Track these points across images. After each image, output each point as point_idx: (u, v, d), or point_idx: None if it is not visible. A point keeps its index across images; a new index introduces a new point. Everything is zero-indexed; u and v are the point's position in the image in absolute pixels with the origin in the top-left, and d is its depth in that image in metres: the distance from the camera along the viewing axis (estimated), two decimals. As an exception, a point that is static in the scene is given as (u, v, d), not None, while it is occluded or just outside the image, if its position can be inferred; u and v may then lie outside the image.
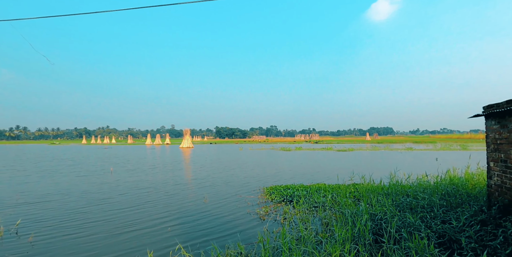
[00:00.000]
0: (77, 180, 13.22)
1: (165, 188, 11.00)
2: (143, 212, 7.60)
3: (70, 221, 6.82)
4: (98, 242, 5.39)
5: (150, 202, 8.69)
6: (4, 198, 9.50)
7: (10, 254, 4.90)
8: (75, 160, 26.25)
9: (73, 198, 9.44)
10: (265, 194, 9.50)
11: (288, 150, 40.39)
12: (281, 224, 6.25)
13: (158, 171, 16.93)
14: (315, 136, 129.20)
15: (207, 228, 6.21)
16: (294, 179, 13.06)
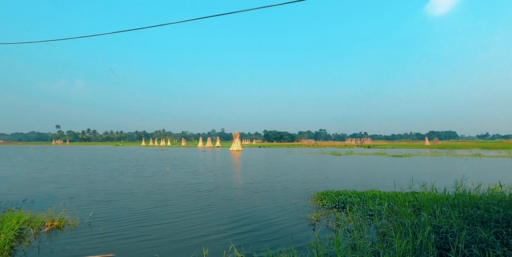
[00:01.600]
0: (140, 180, 14.35)
1: (217, 190, 11.40)
2: (198, 212, 7.97)
3: (133, 216, 7.43)
4: (157, 238, 5.79)
5: (203, 203, 9.08)
6: (79, 194, 10.69)
7: (85, 241, 5.54)
8: (137, 161, 28.57)
9: (137, 198, 10.27)
10: (316, 199, 9.33)
11: (339, 154, 39.09)
12: (333, 231, 6.09)
13: (211, 173, 17.61)
14: (367, 141, 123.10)
15: (258, 230, 6.29)
16: (345, 185, 12.60)
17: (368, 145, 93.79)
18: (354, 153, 41.39)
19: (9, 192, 10.81)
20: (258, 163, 25.29)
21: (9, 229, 5.37)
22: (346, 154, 39.39)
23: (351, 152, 44.50)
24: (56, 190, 11.22)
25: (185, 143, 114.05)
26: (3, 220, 5.75)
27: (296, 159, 29.97)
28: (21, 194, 10.49)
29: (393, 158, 31.73)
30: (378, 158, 31.10)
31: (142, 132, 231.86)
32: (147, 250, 5.11)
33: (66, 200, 9.36)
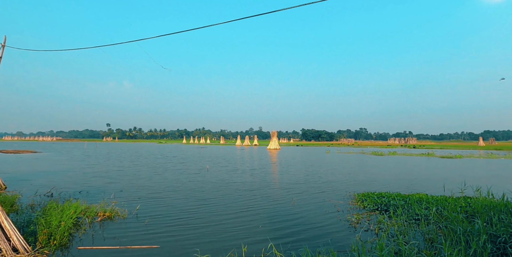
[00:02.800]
0: (183, 177, 14.99)
1: (255, 188, 11.52)
2: (237, 210, 8.11)
3: (176, 212, 7.78)
4: (198, 234, 6.00)
5: (242, 201, 9.23)
6: (127, 188, 11.45)
7: (132, 232, 5.93)
8: (179, 158, 29.88)
9: (180, 194, 10.74)
10: (356, 200, 9.02)
11: (380, 154, 37.36)
12: (375, 235, 5.85)
13: (249, 172, 17.83)
14: (412, 140, 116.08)
15: (296, 230, 6.25)
16: (388, 186, 12.01)
17: (413, 145, 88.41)
18: (398, 153, 39.27)
19: (67, 184, 11.91)
20: (296, 162, 25.08)
21: (68, 218, 5.91)
22: (388, 154, 37.52)
23: (394, 152, 42.20)
24: (107, 184, 12.11)
25: (224, 141, 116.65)
26: (63, 209, 6.35)
27: (335, 159, 29.21)
28: (77, 186, 11.50)
29: (442, 159, 29.56)
30: (425, 159, 29.18)
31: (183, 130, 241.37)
32: (188, 245, 5.32)
33: (116, 193, 10.06)
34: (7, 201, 7.40)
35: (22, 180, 12.82)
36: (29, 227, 5.60)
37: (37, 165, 20.69)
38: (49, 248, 4.81)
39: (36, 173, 15.98)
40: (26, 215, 6.61)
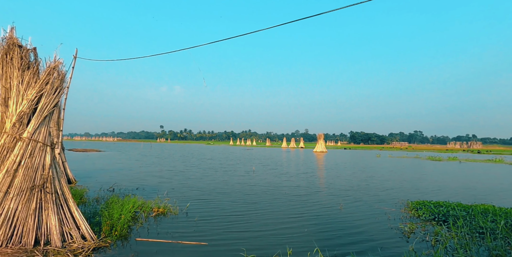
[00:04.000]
0: (232, 179, 15.42)
1: (301, 191, 11.40)
2: (283, 212, 8.11)
3: (224, 211, 8.03)
4: (244, 233, 6.13)
5: (289, 203, 9.19)
6: (179, 186, 12.11)
7: (183, 228, 6.25)
8: (228, 159, 30.74)
9: (228, 194, 11.07)
10: (410, 208, 8.44)
11: (438, 159, 34.38)
12: (431, 246, 5.42)
13: (297, 174, 17.70)
14: (477, 145, 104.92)
15: (343, 235, 6.05)
16: (446, 195, 11.03)
17: (477, 150, 79.78)
18: (459, 159, 35.76)
19: (126, 181, 12.98)
20: (344, 165, 24.23)
21: (127, 211, 6.45)
22: (448, 160, 34.36)
23: (455, 157, 38.49)
24: (160, 183, 12.94)
25: (270, 143, 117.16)
26: (123, 204, 6.95)
27: (386, 163, 27.60)
28: (134, 183, 12.46)
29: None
30: (492, 166, 26.18)
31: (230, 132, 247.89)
32: (234, 244, 5.45)
33: (169, 191, 10.70)
34: (77, 194, 8.30)
35: (89, 176, 14.28)
36: (95, 218, 6.23)
37: (101, 163, 22.88)
38: (111, 238, 5.30)
39: (100, 170, 17.70)
40: (92, 207, 7.36)
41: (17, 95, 4.93)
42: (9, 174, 4.64)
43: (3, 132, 4.82)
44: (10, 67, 4.99)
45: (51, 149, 5.06)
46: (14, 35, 5.09)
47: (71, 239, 4.84)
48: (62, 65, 5.24)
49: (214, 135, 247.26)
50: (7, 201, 4.57)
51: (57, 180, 5.07)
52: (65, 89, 5.32)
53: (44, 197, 4.80)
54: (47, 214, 4.78)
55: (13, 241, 4.45)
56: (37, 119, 4.91)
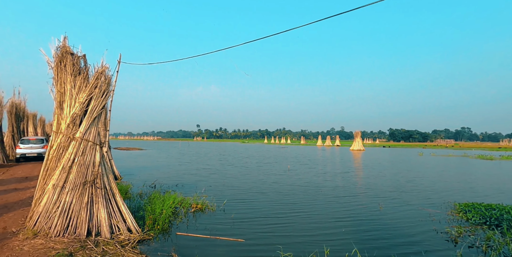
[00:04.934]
0: (268, 178, 15.53)
1: (339, 190, 11.16)
2: (320, 212, 8.02)
3: (261, 208, 8.13)
4: (281, 232, 6.16)
5: (326, 203, 9.06)
6: (216, 184, 12.45)
7: (220, 224, 6.44)
8: (263, 157, 30.95)
9: (264, 193, 11.17)
10: (457, 211, 7.89)
11: (489, 158, 31.58)
12: (483, 253, 5.04)
13: (333, 173, 17.35)
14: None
15: (383, 237, 5.84)
16: (498, 197, 10.13)
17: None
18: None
19: (166, 178, 13.61)
20: (383, 164, 23.23)
21: (168, 207, 6.78)
22: (501, 159, 31.46)
23: (509, 156, 35.13)
24: (197, 180, 13.39)
25: (304, 141, 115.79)
26: (164, 199, 7.31)
27: (430, 162, 25.98)
28: (173, 180, 13.03)
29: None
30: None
31: (264, 131, 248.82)
32: (271, 242, 5.50)
33: (206, 188, 11.04)
34: (122, 189, 8.88)
35: (132, 173, 15.19)
36: (139, 212, 6.63)
37: (143, 161, 24.20)
38: (154, 232, 5.61)
39: (142, 167, 18.74)
40: (136, 202, 7.83)
41: (70, 98, 5.39)
42: (65, 171, 5.11)
43: (59, 132, 5.31)
44: (64, 73, 5.48)
45: (100, 148, 5.47)
46: (66, 44, 5.57)
47: (119, 231, 5.20)
48: (108, 69, 5.64)
49: (248, 134, 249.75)
50: (63, 195, 5.04)
51: (106, 176, 5.48)
52: (111, 92, 5.70)
53: (94, 192, 5.21)
54: (97, 207, 5.18)
55: (69, 231, 4.89)
56: (88, 120, 5.33)
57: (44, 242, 4.54)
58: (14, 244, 4.45)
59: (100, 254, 4.25)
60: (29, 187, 9.21)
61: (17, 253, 4.14)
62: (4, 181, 10.42)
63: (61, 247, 4.36)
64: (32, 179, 10.72)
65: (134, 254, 4.35)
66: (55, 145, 5.32)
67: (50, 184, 5.11)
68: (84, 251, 4.30)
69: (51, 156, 5.35)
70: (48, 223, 4.93)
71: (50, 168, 5.32)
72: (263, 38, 6.63)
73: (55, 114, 5.57)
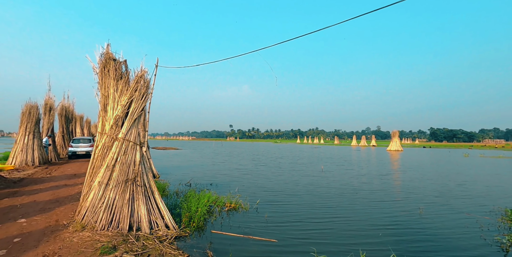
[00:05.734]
0: (302, 179, 15.41)
1: (377, 193, 10.78)
2: (356, 214, 7.81)
3: (295, 209, 8.09)
4: (315, 234, 6.08)
5: (362, 205, 8.80)
6: (254, 184, 12.58)
7: (253, 224, 6.51)
8: (297, 158, 30.71)
9: (298, 194, 11.10)
10: (509, 218, 7.26)
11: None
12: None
13: (371, 174, 16.79)
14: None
15: (424, 243, 5.54)
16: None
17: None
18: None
19: (200, 177, 14.00)
20: (425, 166, 21.97)
21: (203, 205, 6.99)
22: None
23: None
24: (231, 179, 13.62)
25: (338, 141, 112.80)
26: (199, 198, 7.54)
27: (477, 164, 24.09)
28: (208, 179, 13.37)
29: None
30: None
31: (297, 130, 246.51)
32: (305, 243, 5.46)
33: (239, 188, 11.19)
34: (160, 187, 9.28)
35: (168, 172, 15.82)
36: (175, 209, 6.89)
37: (178, 160, 25.10)
38: (190, 229, 5.81)
39: (177, 166, 19.45)
40: (173, 200, 8.15)
41: (113, 101, 5.76)
42: (109, 169, 5.46)
43: (104, 133, 5.69)
44: (107, 78, 5.86)
45: (140, 148, 5.78)
46: (109, 50, 5.96)
47: (157, 227, 5.46)
48: (147, 73, 5.94)
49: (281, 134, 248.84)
50: (108, 192, 5.39)
51: (145, 174, 5.77)
52: (150, 95, 6.00)
53: (135, 189, 5.52)
54: (138, 204, 5.48)
55: (112, 225, 5.22)
56: (129, 122, 5.66)
57: (91, 234, 4.89)
58: (65, 236, 4.84)
59: (141, 248, 4.49)
60: (77, 183, 9.94)
61: (68, 244, 4.51)
62: (56, 177, 11.36)
63: (106, 240, 4.67)
64: (79, 176, 11.57)
65: (171, 250, 4.54)
66: (100, 145, 5.71)
67: (96, 181, 5.50)
68: (126, 244, 4.57)
69: (96, 155, 5.75)
70: (94, 217, 5.30)
71: (96, 166, 5.72)
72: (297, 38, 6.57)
73: (99, 116, 5.97)
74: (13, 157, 14.74)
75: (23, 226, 5.29)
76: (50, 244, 4.45)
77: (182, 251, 4.62)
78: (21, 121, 15.09)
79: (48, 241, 4.60)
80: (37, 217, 5.92)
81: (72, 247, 4.37)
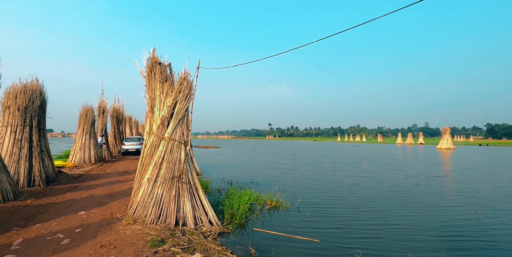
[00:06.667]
0: (349, 180, 15.01)
1: (432, 197, 10.13)
2: (407, 218, 7.42)
3: (338, 210, 7.89)
4: (360, 235, 5.88)
5: (414, 208, 8.33)
6: (289, 182, 12.53)
7: (295, 223, 6.48)
8: (338, 156, 29.95)
9: (342, 194, 10.83)
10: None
11: None
12: None
13: (421, 175, 15.83)
14: None
15: (481, 249, 5.08)
16: None
17: None
18: None
19: (241, 175, 14.24)
20: (481, 165, 20.10)
21: (244, 203, 7.10)
22: None
23: None
24: (271, 179, 13.64)
25: (381, 139, 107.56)
26: (241, 195, 7.68)
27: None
28: (248, 177, 13.56)
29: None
30: None
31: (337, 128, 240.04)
32: (349, 246, 5.29)
33: (280, 186, 11.19)
34: (203, 184, 9.61)
35: (210, 170, 16.32)
36: (218, 206, 7.09)
37: (219, 158, 25.78)
38: (232, 226, 5.94)
39: (218, 164, 20.00)
40: (215, 197, 8.40)
41: (159, 103, 6.08)
42: (157, 167, 5.79)
43: (152, 133, 6.03)
44: (153, 81, 6.20)
45: (184, 146, 6.04)
46: (155, 55, 6.29)
47: (201, 223, 5.66)
48: (189, 75, 6.18)
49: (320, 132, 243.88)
50: (156, 188, 5.71)
51: (190, 172, 6.02)
52: (192, 96, 6.23)
53: (181, 186, 5.78)
54: (183, 200, 5.73)
55: (160, 220, 5.53)
56: (174, 122, 5.94)
57: (141, 228, 5.23)
58: (119, 228, 5.23)
59: (187, 243, 4.70)
60: (128, 179, 10.68)
61: (121, 235, 4.86)
62: (109, 174, 12.31)
63: (155, 233, 4.96)
64: (130, 173, 12.41)
65: (215, 245, 4.69)
66: (148, 144, 6.07)
67: (145, 178, 5.85)
68: (173, 238, 4.81)
69: (145, 154, 6.12)
70: (144, 212, 5.66)
71: (145, 164, 6.09)
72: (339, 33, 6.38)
73: (147, 117, 6.35)
74: (72, 155, 16.26)
75: (83, 218, 5.82)
76: (106, 235, 4.84)
77: (225, 247, 4.74)
78: (79, 122, 16.58)
79: (105, 232, 5.00)
80: (94, 210, 6.47)
81: (125, 239, 4.70)
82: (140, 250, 4.24)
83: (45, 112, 9.78)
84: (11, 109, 8.80)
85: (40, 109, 9.44)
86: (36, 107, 9.25)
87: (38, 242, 4.48)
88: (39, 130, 9.45)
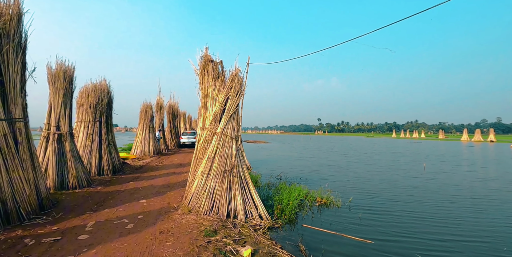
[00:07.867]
0: (408, 181, 14.14)
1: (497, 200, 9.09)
2: (466, 221, 6.77)
3: (393, 211, 7.46)
4: (416, 237, 5.50)
5: (476, 213, 7.55)
6: (340, 180, 12.17)
7: (346, 221, 6.31)
8: (396, 154, 28.24)
9: (398, 194, 10.23)
10: None
11: None
12: None
13: (499, 178, 14.25)
14: None
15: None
16: None
17: None
18: None
19: (290, 170, 14.20)
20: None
21: (294, 199, 7.08)
22: None
23: None
24: (321, 176, 13.36)
25: (443, 136, 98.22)
26: (290, 191, 7.67)
27: None
28: (297, 173, 13.46)
29: None
30: None
31: (392, 124, 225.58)
32: (405, 249, 4.97)
33: (330, 183, 10.92)
34: (253, 179, 9.79)
35: (259, 164, 16.55)
36: (267, 201, 7.18)
37: (268, 153, 25.99)
38: (282, 221, 5.97)
39: (267, 159, 20.16)
40: (265, 192, 8.51)
41: (212, 99, 6.31)
42: (209, 160, 6.04)
43: (205, 128, 6.30)
44: (206, 78, 6.45)
45: (235, 141, 6.20)
46: (207, 53, 6.52)
47: (251, 217, 5.79)
48: (240, 72, 6.29)
49: (373, 127, 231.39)
50: (209, 181, 5.97)
51: (241, 166, 6.17)
52: (243, 92, 6.35)
53: (232, 179, 5.96)
54: (234, 194, 5.91)
55: (213, 212, 5.78)
56: (226, 117, 6.13)
57: (196, 218, 5.52)
58: (176, 217, 5.60)
59: (238, 235, 4.84)
60: (182, 171, 11.34)
61: (178, 224, 5.20)
62: (166, 166, 13.21)
63: (208, 224, 5.20)
64: (184, 166, 13.16)
65: (265, 239, 4.76)
66: (202, 139, 6.35)
67: (199, 171, 6.16)
68: (225, 230, 5.00)
69: (199, 148, 6.42)
70: (198, 203, 5.96)
71: (198, 158, 6.40)
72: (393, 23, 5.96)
73: (200, 113, 6.65)
74: (134, 148, 17.79)
75: (144, 206, 6.34)
76: (165, 223, 5.21)
77: (275, 241, 4.79)
78: (140, 118, 18.02)
79: (163, 220, 5.39)
80: (154, 199, 7.01)
81: (181, 227, 5.02)
82: (195, 239, 4.49)
83: (111, 109, 10.82)
84: (84, 106, 9.90)
85: (107, 106, 10.47)
86: (105, 105, 10.26)
87: (107, 225, 5.01)
88: (107, 125, 10.50)
